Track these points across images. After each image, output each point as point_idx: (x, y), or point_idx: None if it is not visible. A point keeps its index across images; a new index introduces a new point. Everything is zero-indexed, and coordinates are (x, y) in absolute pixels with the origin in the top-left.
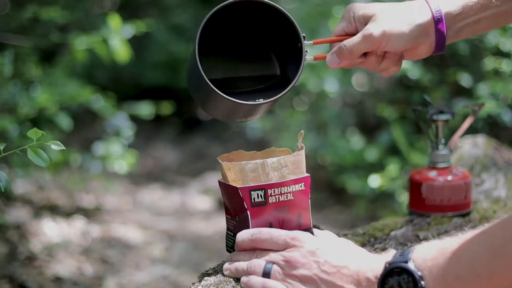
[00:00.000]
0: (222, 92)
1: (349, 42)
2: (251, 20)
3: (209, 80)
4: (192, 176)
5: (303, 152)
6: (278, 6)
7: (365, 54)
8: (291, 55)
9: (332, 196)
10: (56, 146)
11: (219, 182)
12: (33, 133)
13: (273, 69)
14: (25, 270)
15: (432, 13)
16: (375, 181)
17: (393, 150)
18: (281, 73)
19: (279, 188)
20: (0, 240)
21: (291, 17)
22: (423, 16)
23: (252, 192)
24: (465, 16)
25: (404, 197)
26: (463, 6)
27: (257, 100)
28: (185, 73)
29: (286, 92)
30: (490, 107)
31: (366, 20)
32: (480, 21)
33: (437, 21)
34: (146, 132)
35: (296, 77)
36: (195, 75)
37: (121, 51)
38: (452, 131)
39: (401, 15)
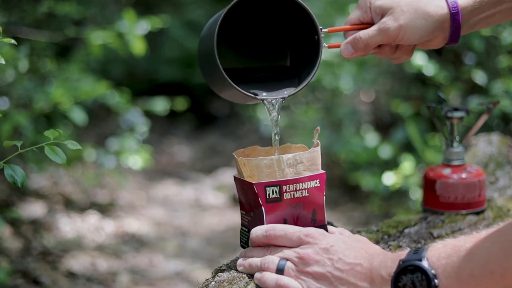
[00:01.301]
0: (232, 80)
1: (365, 34)
2: (268, 11)
3: (222, 68)
4: (206, 172)
5: (318, 148)
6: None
7: (379, 45)
8: (306, 47)
9: (346, 193)
10: (72, 145)
11: (235, 177)
12: (50, 133)
13: (284, 61)
14: (38, 265)
15: (449, 7)
16: (389, 178)
17: (408, 147)
18: (291, 65)
19: (294, 185)
20: (15, 235)
21: (309, 9)
22: (440, 11)
23: (267, 188)
24: (480, 11)
25: (418, 195)
26: (480, 1)
27: (260, 95)
28: (198, 53)
29: (302, 88)
30: (504, 105)
31: (383, 12)
32: (494, 15)
33: (453, 15)
34: (161, 128)
35: (314, 70)
36: (209, 60)
37: (136, 44)
38: (466, 129)
39: (417, 9)
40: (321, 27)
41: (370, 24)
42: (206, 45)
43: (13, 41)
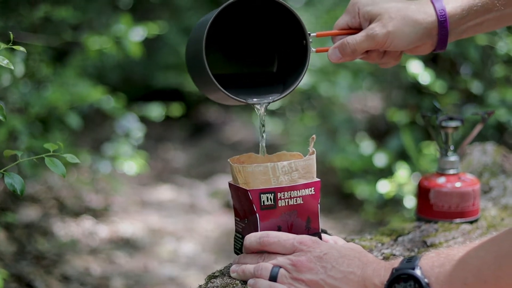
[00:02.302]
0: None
1: (353, 40)
2: (256, 16)
3: (211, 74)
4: (201, 178)
5: (314, 156)
6: (285, 3)
7: (367, 51)
8: (294, 51)
9: (341, 200)
10: (71, 159)
11: (229, 184)
12: (50, 145)
13: (271, 65)
14: (33, 269)
15: (437, 15)
16: (383, 186)
17: (403, 156)
18: (279, 69)
19: (289, 192)
20: (9, 239)
21: (297, 14)
22: (428, 18)
23: (261, 195)
24: (469, 19)
25: (412, 203)
26: (468, 9)
27: (252, 100)
28: (186, 55)
29: (289, 92)
30: (500, 114)
31: (371, 17)
32: (482, 23)
33: (441, 23)
34: (156, 133)
35: (302, 74)
36: (198, 64)
37: (133, 48)
38: (462, 137)
39: (406, 16)
40: (309, 32)
41: (358, 29)
42: (195, 48)
43: (22, 48)
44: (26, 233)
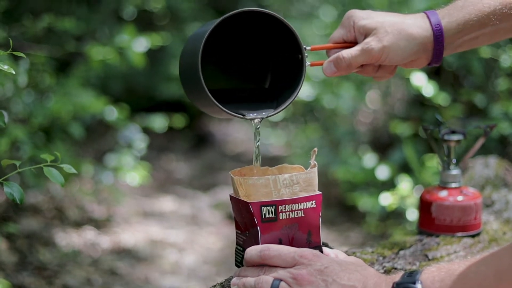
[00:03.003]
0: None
1: (348, 54)
2: (251, 30)
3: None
4: (203, 189)
5: (315, 169)
6: (281, 17)
7: (362, 65)
8: (289, 65)
9: (343, 213)
10: (68, 169)
11: (230, 196)
12: (47, 156)
13: (265, 79)
14: (34, 279)
15: (433, 30)
16: (386, 199)
17: (405, 168)
18: (274, 83)
19: (290, 205)
20: (10, 249)
21: (293, 28)
22: (424, 32)
23: (263, 208)
24: (464, 34)
25: (415, 216)
26: (463, 24)
27: (249, 115)
28: (180, 66)
29: (284, 108)
30: (503, 127)
31: (366, 32)
32: (478, 38)
33: (436, 37)
34: (159, 144)
35: (297, 90)
36: (193, 78)
37: (136, 58)
38: (464, 150)
39: (401, 30)
40: (304, 46)
41: (353, 43)
42: (190, 61)
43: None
44: (28, 243)
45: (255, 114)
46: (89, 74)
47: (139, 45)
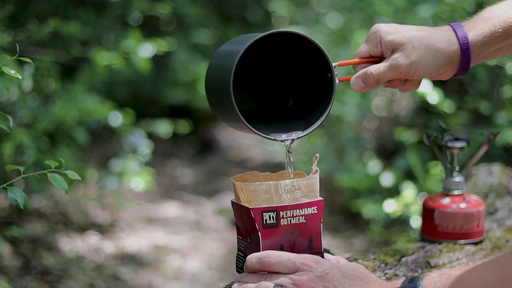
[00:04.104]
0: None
1: (376, 70)
2: (279, 50)
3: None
4: (208, 195)
5: (317, 175)
6: (308, 36)
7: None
8: (317, 84)
9: (347, 219)
10: (72, 176)
11: (232, 202)
12: (51, 162)
13: (289, 100)
14: (37, 284)
15: (460, 43)
16: (390, 206)
17: (410, 175)
18: (302, 103)
19: (292, 211)
20: (14, 254)
21: (321, 46)
22: (451, 46)
23: (264, 214)
24: (490, 46)
25: (419, 223)
26: (489, 36)
27: (280, 136)
28: (207, 83)
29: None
30: (508, 135)
31: (393, 47)
32: (502, 48)
33: (463, 51)
34: (164, 150)
35: (328, 109)
36: (223, 98)
37: (142, 63)
38: (469, 158)
39: (429, 45)
40: (334, 65)
41: (380, 57)
42: (220, 82)
43: (28, 60)
44: (31, 248)
45: (284, 136)
46: (94, 79)
47: (145, 50)
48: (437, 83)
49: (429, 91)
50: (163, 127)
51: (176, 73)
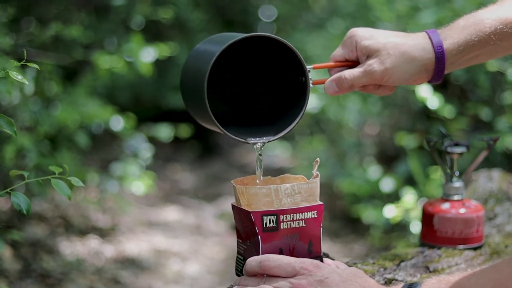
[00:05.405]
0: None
1: (351, 75)
2: (253, 53)
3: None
4: (208, 200)
5: (317, 180)
6: (283, 39)
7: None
8: (291, 87)
9: (348, 225)
10: (75, 182)
11: (232, 205)
12: (55, 168)
13: (265, 104)
14: (37, 287)
15: (435, 52)
16: (390, 211)
17: (410, 181)
18: (273, 107)
19: (292, 215)
20: (14, 257)
21: (297, 51)
22: (426, 54)
23: (264, 217)
24: (465, 54)
25: (419, 228)
26: (465, 45)
27: (251, 139)
28: (182, 84)
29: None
30: (509, 141)
31: (369, 53)
32: (478, 56)
33: (438, 59)
34: (165, 154)
35: (300, 114)
36: (197, 100)
37: (144, 67)
38: (469, 163)
39: (404, 53)
40: (309, 69)
41: (355, 61)
42: (195, 83)
43: (35, 65)
44: (32, 251)
45: (257, 139)
46: (96, 83)
47: (147, 54)
48: (437, 88)
49: (429, 96)
50: (164, 131)
51: (178, 77)
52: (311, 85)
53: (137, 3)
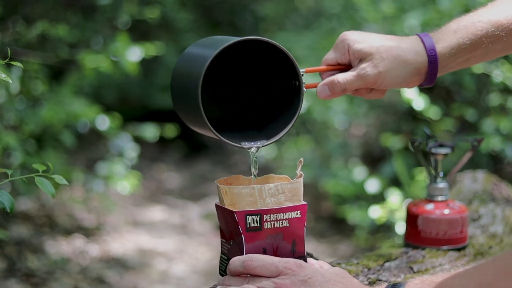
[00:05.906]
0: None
1: (343, 79)
2: (246, 56)
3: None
4: (194, 200)
5: (301, 180)
6: (277, 43)
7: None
8: (284, 91)
9: (333, 225)
10: (59, 180)
11: (216, 205)
12: (38, 166)
13: (258, 108)
14: (22, 286)
15: (428, 55)
16: (375, 212)
17: (396, 182)
18: (266, 111)
19: (275, 215)
20: None
21: (290, 54)
22: (419, 58)
23: (247, 217)
24: (457, 57)
25: (404, 229)
26: (457, 48)
27: (245, 144)
28: (172, 88)
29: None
30: (494, 143)
31: (361, 56)
32: (469, 59)
33: (431, 62)
34: (151, 154)
35: (294, 118)
36: (190, 105)
37: (130, 66)
38: (454, 164)
39: (397, 56)
40: (302, 73)
41: (347, 65)
42: (187, 87)
43: (19, 64)
44: (17, 250)
45: (251, 143)
46: (82, 82)
47: (133, 54)
48: (423, 90)
49: (415, 98)
50: (150, 131)
51: (164, 77)
52: (304, 89)
53: (124, 2)
